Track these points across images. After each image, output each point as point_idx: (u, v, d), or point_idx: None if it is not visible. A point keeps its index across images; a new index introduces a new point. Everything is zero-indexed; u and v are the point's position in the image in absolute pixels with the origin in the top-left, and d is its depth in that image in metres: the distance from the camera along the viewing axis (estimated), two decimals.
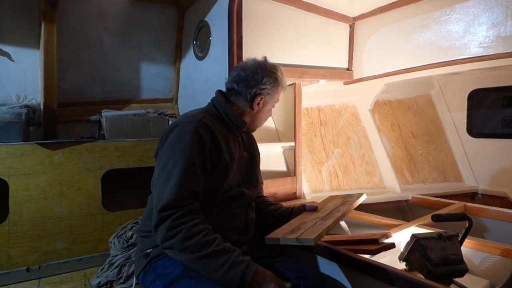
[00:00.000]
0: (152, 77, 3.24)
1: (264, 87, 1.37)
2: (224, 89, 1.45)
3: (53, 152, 2.42)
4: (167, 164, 1.16)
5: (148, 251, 1.21)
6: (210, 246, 1.07)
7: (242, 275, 1.04)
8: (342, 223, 2.21)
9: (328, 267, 1.37)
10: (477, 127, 3.08)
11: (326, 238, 1.60)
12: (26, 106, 2.49)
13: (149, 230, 1.23)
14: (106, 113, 2.71)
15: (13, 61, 2.65)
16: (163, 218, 1.07)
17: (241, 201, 1.34)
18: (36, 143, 2.39)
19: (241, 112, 1.39)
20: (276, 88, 1.41)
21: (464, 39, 2.30)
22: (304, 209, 1.52)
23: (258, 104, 1.39)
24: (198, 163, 1.16)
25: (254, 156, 1.52)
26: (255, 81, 1.36)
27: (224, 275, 1.05)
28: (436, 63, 2.44)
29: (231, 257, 1.07)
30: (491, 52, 2.17)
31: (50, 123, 2.61)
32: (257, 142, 1.62)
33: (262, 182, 1.64)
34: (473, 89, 3.04)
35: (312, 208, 1.51)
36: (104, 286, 2.12)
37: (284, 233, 1.17)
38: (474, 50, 2.25)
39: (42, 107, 2.60)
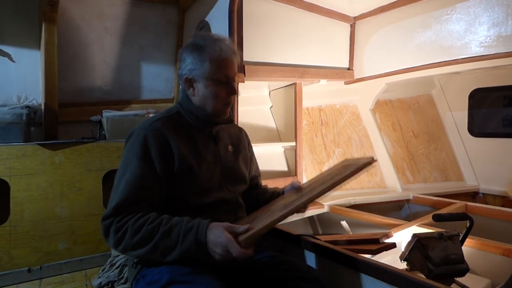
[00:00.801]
0: (152, 77, 3.24)
1: (186, 65, 1.22)
2: None
3: (54, 153, 2.42)
4: (117, 175, 1.16)
5: (136, 260, 1.20)
6: (159, 229, 1.04)
7: (196, 239, 1.00)
8: (343, 222, 2.22)
9: (328, 267, 1.37)
10: (478, 126, 3.08)
11: (327, 238, 1.60)
12: (27, 106, 2.49)
13: None
14: (107, 113, 2.71)
15: (14, 61, 2.66)
16: (107, 226, 1.07)
17: (225, 206, 1.27)
18: (37, 144, 2.39)
19: (198, 103, 1.26)
20: (198, 59, 1.20)
21: (465, 38, 2.30)
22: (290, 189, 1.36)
23: (191, 87, 1.24)
24: (147, 171, 1.12)
25: (239, 150, 1.39)
26: (180, 64, 1.25)
27: (182, 248, 1.01)
28: (437, 62, 2.44)
29: (182, 228, 1.03)
30: (492, 51, 2.16)
31: (51, 124, 2.61)
32: (258, 142, 1.59)
33: (259, 175, 1.56)
34: (474, 88, 3.04)
35: (296, 187, 1.31)
36: (105, 287, 2.13)
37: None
38: (475, 50, 2.25)
39: (43, 107, 2.60)
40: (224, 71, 1.22)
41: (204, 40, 1.23)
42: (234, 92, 1.26)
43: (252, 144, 1.56)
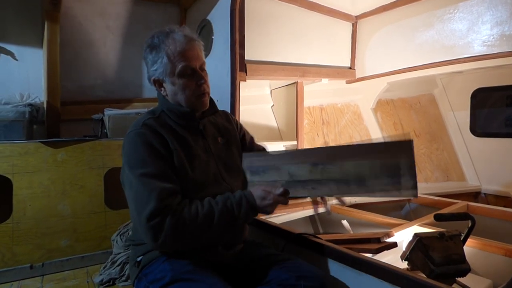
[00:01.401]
0: None
1: (149, 67, 1.22)
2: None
3: (56, 151, 2.43)
4: (132, 182, 1.09)
5: (139, 259, 1.20)
6: (214, 209, 1.08)
7: (248, 205, 1.11)
8: (344, 221, 2.22)
9: (329, 266, 1.37)
10: (480, 126, 3.07)
11: (328, 237, 1.60)
12: (30, 104, 2.50)
13: (139, 239, 1.23)
14: (108, 111, 2.71)
15: (16, 60, 2.66)
16: (158, 225, 1.00)
17: None
18: (40, 142, 2.40)
19: (172, 101, 1.24)
20: (157, 58, 1.18)
21: (468, 37, 2.29)
22: None
23: (161, 87, 1.24)
24: (159, 163, 1.11)
25: (229, 141, 1.36)
26: (145, 66, 1.24)
27: (241, 219, 1.12)
28: (439, 61, 2.44)
29: (233, 201, 1.12)
30: (495, 50, 2.16)
31: (53, 122, 2.62)
32: (259, 141, 1.58)
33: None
34: (476, 88, 3.03)
35: None
36: (107, 284, 2.13)
37: None
38: (478, 49, 2.24)
39: (45, 106, 2.61)
40: (185, 62, 1.17)
41: (158, 37, 1.19)
42: (203, 79, 1.21)
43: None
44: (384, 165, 1.02)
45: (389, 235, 1.67)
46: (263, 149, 1.52)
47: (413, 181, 0.98)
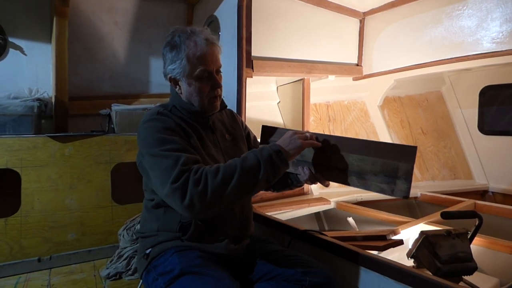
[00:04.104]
0: (161, 72, 3.20)
1: (167, 65, 1.23)
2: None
3: (64, 145, 2.45)
4: (154, 160, 1.08)
5: (148, 251, 1.21)
6: (235, 161, 1.05)
7: (271, 149, 1.09)
8: (350, 219, 2.21)
9: (335, 263, 1.37)
10: (488, 124, 3.03)
11: (333, 233, 1.61)
12: (38, 99, 2.52)
13: (147, 231, 1.24)
14: (116, 107, 2.73)
15: (25, 55, 2.69)
16: (182, 184, 0.98)
17: None
18: (48, 136, 2.42)
19: (185, 99, 1.26)
20: (176, 58, 1.19)
21: (477, 34, 2.26)
22: None
23: (176, 85, 1.25)
24: (179, 141, 1.11)
25: (236, 137, 1.39)
26: (163, 63, 1.25)
27: (264, 163, 1.05)
28: (447, 58, 2.41)
29: (255, 152, 1.09)
30: (504, 47, 2.13)
31: (61, 117, 2.64)
32: None
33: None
34: (485, 85, 2.99)
35: None
36: (113, 277, 2.16)
37: None
38: (487, 46, 2.22)
39: (53, 100, 2.63)
40: (203, 66, 1.19)
41: (179, 36, 1.20)
42: (218, 84, 1.24)
43: (259, 140, 1.56)
44: (385, 165, 1.09)
45: (395, 232, 1.66)
46: None
47: (407, 185, 1.04)
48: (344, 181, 1.18)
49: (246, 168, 1.03)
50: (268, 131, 1.41)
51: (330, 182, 1.26)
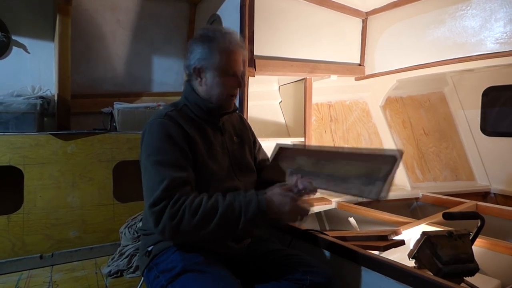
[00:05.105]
0: (163, 70, 3.26)
1: (196, 56, 1.24)
2: None
3: (66, 143, 2.46)
4: (147, 167, 1.12)
5: (150, 248, 1.21)
6: (219, 205, 1.04)
7: (258, 206, 1.05)
8: (351, 219, 2.21)
9: (336, 262, 1.37)
10: (491, 125, 3.02)
11: (334, 233, 1.60)
12: (41, 97, 2.53)
13: (149, 228, 1.24)
14: (118, 105, 2.74)
15: (28, 53, 2.70)
16: (159, 212, 1.02)
17: None
18: (50, 134, 2.43)
19: (203, 94, 1.27)
20: (208, 49, 1.22)
21: (480, 35, 2.26)
22: None
23: (198, 76, 1.25)
24: (176, 153, 1.12)
25: (243, 140, 1.41)
26: (190, 54, 1.26)
27: (246, 219, 1.04)
28: (450, 59, 2.40)
29: (242, 200, 1.06)
30: (508, 48, 2.12)
31: (64, 114, 2.65)
32: (266, 136, 1.60)
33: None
34: (488, 86, 2.98)
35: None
36: (115, 275, 2.16)
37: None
38: (490, 46, 2.21)
39: (56, 98, 2.64)
40: (232, 63, 1.25)
41: (214, 32, 1.26)
42: (240, 84, 1.29)
43: (261, 139, 1.57)
44: (368, 169, 1.16)
45: (396, 233, 1.66)
46: (267, 159, 1.55)
47: (382, 185, 1.08)
48: (328, 186, 1.23)
49: (227, 218, 1.04)
50: (283, 153, 1.46)
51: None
